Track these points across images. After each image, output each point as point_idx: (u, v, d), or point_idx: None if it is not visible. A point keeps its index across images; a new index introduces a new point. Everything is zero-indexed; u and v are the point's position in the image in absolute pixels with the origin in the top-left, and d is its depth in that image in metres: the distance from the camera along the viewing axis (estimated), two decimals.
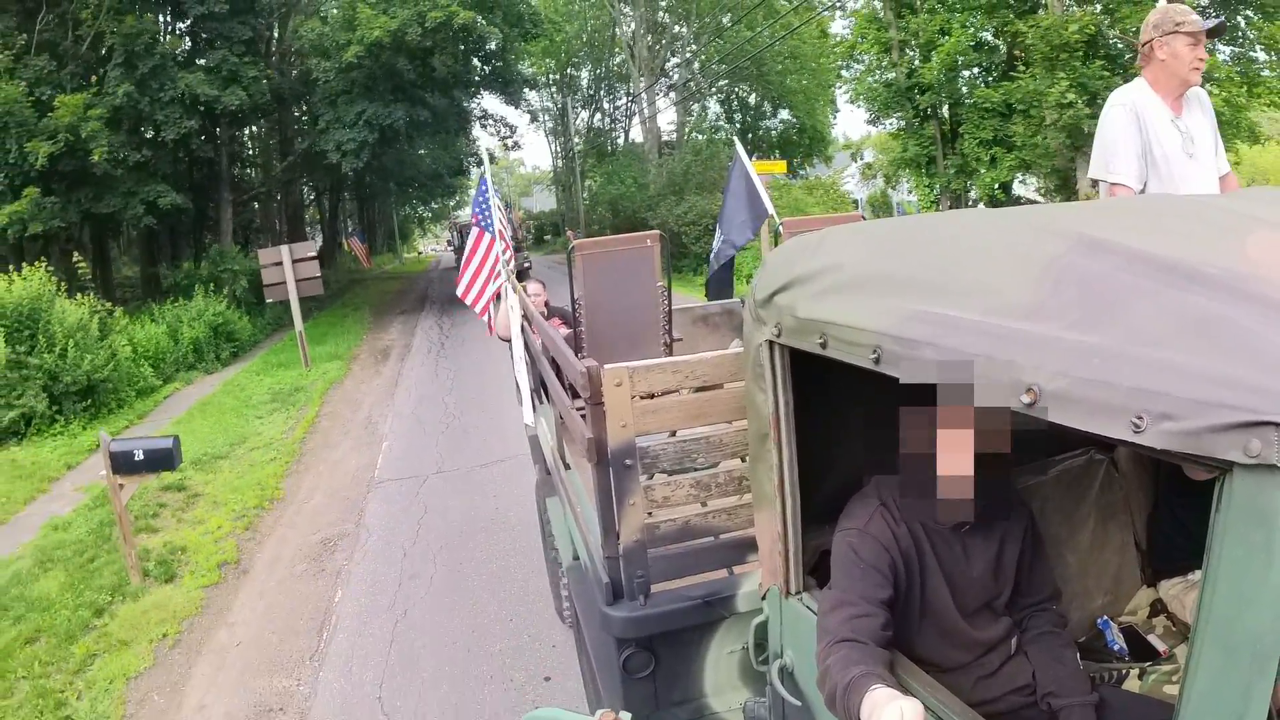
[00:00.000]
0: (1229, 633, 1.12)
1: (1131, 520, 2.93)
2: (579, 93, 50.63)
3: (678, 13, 42.03)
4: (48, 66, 19.02)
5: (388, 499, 8.70)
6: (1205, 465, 1.12)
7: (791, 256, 2.23)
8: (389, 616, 6.16)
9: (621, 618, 2.92)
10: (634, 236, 5.63)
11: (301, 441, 11.32)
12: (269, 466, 10.15)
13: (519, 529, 7.27)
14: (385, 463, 10.00)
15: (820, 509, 2.47)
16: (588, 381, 2.78)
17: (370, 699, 5.15)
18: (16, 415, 12.23)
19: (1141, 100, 3.76)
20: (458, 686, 5.17)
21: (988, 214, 2.00)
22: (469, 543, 7.29)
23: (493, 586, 6.40)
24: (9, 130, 17.69)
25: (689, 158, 34.02)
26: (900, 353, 1.65)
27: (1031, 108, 15.94)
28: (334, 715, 5.05)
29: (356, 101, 22.02)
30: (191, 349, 17.40)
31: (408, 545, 7.43)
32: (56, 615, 6.62)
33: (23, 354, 12.49)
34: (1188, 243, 1.40)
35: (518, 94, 29.61)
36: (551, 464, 4.78)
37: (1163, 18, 3.68)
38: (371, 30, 19.86)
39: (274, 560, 7.51)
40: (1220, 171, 3.94)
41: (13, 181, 18.24)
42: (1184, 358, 1.15)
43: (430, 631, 5.87)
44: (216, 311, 18.69)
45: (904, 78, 18.55)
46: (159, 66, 19.08)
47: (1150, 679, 2.53)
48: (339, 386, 15.00)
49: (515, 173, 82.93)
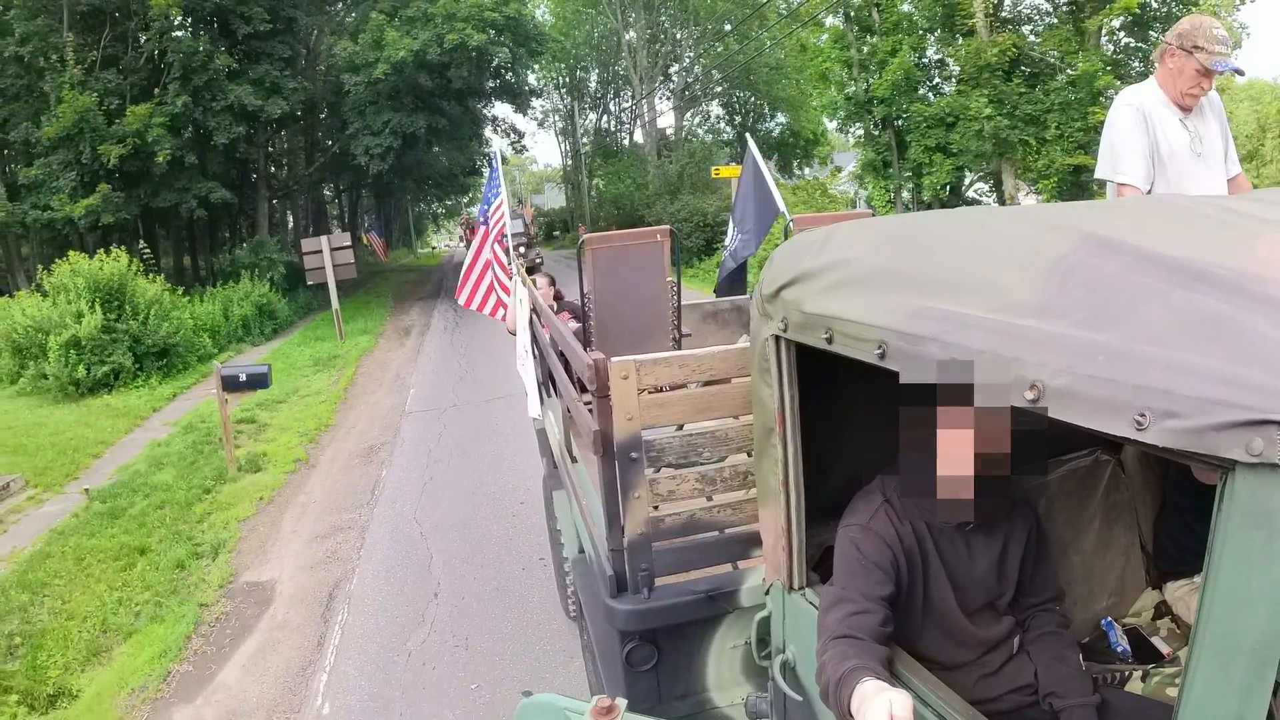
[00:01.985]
0: (1228, 633, 1.11)
1: (1137, 521, 2.89)
2: (587, 95, 53.09)
3: (678, 19, 44.50)
4: (114, 80, 21.88)
5: (416, 423, 11.51)
6: (1208, 463, 1.10)
7: (798, 252, 2.23)
8: (419, 481, 8.99)
9: (625, 610, 2.95)
10: (644, 231, 5.59)
11: (345, 390, 14.15)
12: (321, 406, 12.95)
13: (512, 437, 10.01)
14: (413, 401, 12.83)
15: (825, 505, 2.45)
16: (595, 374, 2.82)
17: (408, 519, 7.99)
18: (108, 370, 15.08)
19: (1149, 100, 3.73)
20: (464, 511, 7.98)
21: (995, 211, 1.98)
22: (476, 445, 10.07)
23: (493, 466, 9.21)
24: (84, 135, 20.57)
25: (684, 160, 36.67)
26: (905, 348, 1.65)
27: (959, 119, 18.58)
28: (384, 526, 7.88)
29: (383, 111, 24.97)
30: (240, 324, 20.25)
31: (432, 447, 10.23)
32: (175, 493, 9.39)
33: (113, 321, 15.30)
34: (1195, 243, 1.38)
35: (525, 103, 32.64)
36: (558, 457, 4.79)
37: (1189, 31, 3.58)
38: (397, 50, 22.79)
39: (334, 458, 10.30)
40: (1230, 173, 3.91)
41: (83, 179, 21.11)
42: (1189, 356, 1.15)
43: (448, 488, 8.69)
44: (261, 293, 21.59)
45: (862, 92, 21.21)
46: (212, 80, 21.97)
47: (1153, 681, 2.51)
48: (370, 354, 17.81)
49: (527, 170, 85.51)
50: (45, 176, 21.01)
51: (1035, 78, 18.50)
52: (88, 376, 14.77)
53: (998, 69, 17.95)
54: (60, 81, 21.03)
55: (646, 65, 42.44)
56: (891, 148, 21.46)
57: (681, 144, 42.27)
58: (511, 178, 67.40)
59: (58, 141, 20.80)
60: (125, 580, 7.32)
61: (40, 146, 21.25)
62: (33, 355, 15.46)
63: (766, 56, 37.84)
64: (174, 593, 7.01)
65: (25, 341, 15.42)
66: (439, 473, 9.25)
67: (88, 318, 14.86)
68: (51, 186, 20.92)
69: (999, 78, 17.99)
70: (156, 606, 6.79)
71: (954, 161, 19.32)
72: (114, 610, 6.77)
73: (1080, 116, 16.94)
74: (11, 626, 6.57)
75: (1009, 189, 19.12)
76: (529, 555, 6.86)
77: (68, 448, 11.63)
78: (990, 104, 17.63)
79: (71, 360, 14.75)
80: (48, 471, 10.68)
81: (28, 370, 15.50)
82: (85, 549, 7.97)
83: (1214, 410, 1.08)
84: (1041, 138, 17.60)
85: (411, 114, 25.15)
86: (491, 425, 10.80)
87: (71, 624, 6.57)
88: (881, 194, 22.01)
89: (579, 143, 50.96)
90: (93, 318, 14.88)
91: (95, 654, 6.18)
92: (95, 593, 7.11)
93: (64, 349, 14.77)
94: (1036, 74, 18.60)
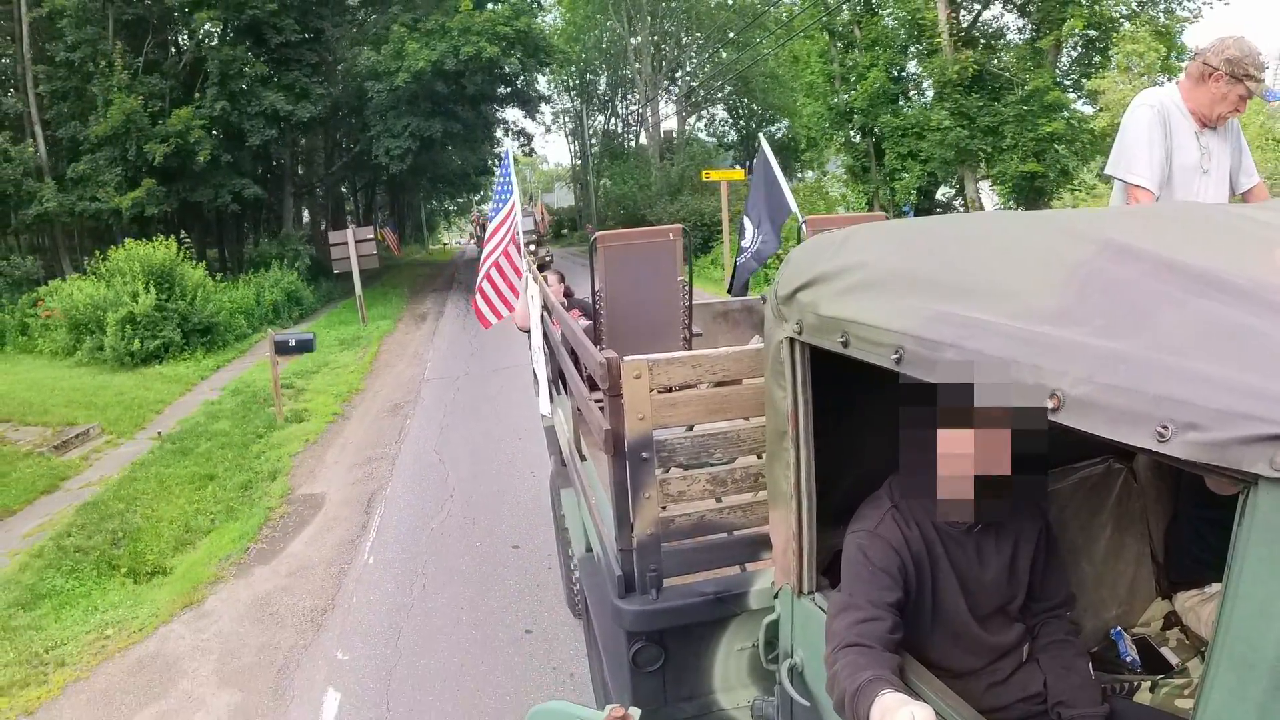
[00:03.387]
0: (1248, 649, 1.10)
1: (1148, 531, 2.88)
2: (596, 98, 54.63)
3: (683, 24, 46.44)
4: (157, 83, 23.91)
5: (434, 387, 13.47)
6: (1230, 477, 1.09)
7: (815, 254, 2.21)
8: (438, 427, 10.95)
9: (633, 610, 2.95)
10: (656, 230, 5.61)
11: (370, 363, 16.12)
12: (350, 375, 14.90)
13: (512, 398, 11.90)
14: (430, 372, 14.80)
15: (837, 509, 2.44)
16: (607, 373, 2.80)
17: (429, 451, 9.92)
18: (159, 344, 17.06)
19: (1170, 105, 3.70)
20: (474, 445, 9.93)
21: (1014, 216, 1.97)
22: (483, 403, 12.00)
23: (497, 415, 11.12)
24: (130, 134, 22.58)
25: (685, 162, 38.58)
26: (923, 354, 1.64)
27: (924, 130, 20.47)
28: (409, 456, 9.81)
29: (403, 116, 27.01)
30: (271, 309, 22.21)
31: (448, 404, 12.19)
32: (233, 437, 11.31)
33: (164, 300, 17.27)
34: (1216, 252, 1.38)
35: (535, 108, 34.74)
36: (567, 455, 4.81)
37: (1241, 58, 3.52)
38: (417, 61, 24.80)
39: (365, 413, 12.25)
40: (1247, 185, 3.92)
41: (127, 174, 23.12)
42: (1211, 368, 1.14)
43: (461, 431, 10.64)
44: (290, 281, 23.59)
45: (842, 104, 23.10)
46: (248, 87, 24.01)
47: (1162, 692, 2.50)
48: (390, 336, 19.76)
49: (538, 169, 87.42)
50: (92, 171, 22.99)
51: (996, 92, 20.30)
52: (141, 349, 16.73)
53: (959, 84, 19.80)
54: (108, 85, 23.01)
55: (650, 71, 44.35)
56: (869, 154, 23.30)
57: (683, 147, 44.17)
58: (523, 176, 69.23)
59: (104, 139, 22.80)
60: (200, 497, 9.22)
61: (88, 143, 23.24)
62: (89, 330, 17.44)
63: (762, 65, 39.69)
64: (243, 503, 8.92)
65: (84, 318, 17.40)
66: (453, 421, 11.16)
67: (143, 297, 16.84)
68: (98, 180, 22.89)
69: (960, 92, 19.84)
70: (229, 511, 8.71)
71: (924, 168, 21.14)
72: (193, 516, 8.67)
73: (1032, 128, 18.74)
74: (114, 525, 8.44)
75: (970, 193, 20.99)
76: (524, 471, 8.76)
77: (132, 405, 13.57)
78: (951, 116, 19.51)
79: (127, 334, 16.72)
80: (119, 422, 12.63)
81: (84, 344, 17.47)
82: (164, 475, 9.88)
83: (1237, 423, 1.06)
84: (999, 147, 19.45)
85: (429, 118, 27.20)
86: (496, 388, 12.71)
87: (160, 525, 8.47)
88: (860, 197, 23.87)
89: (587, 144, 52.79)
90: (147, 297, 16.87)
91: (182, 544, 8.06)
92: (176, 505, 9.01)
93: (121, 324, 16.75)
94: (998, 88, 20.39)
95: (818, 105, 24.40)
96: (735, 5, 42.81)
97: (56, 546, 7.93)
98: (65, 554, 7.75)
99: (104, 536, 8.11)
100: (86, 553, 7.77)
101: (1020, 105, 19.05)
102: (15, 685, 5.69)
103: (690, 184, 35.05)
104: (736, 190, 25.15)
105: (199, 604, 6.65)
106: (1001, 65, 20.10)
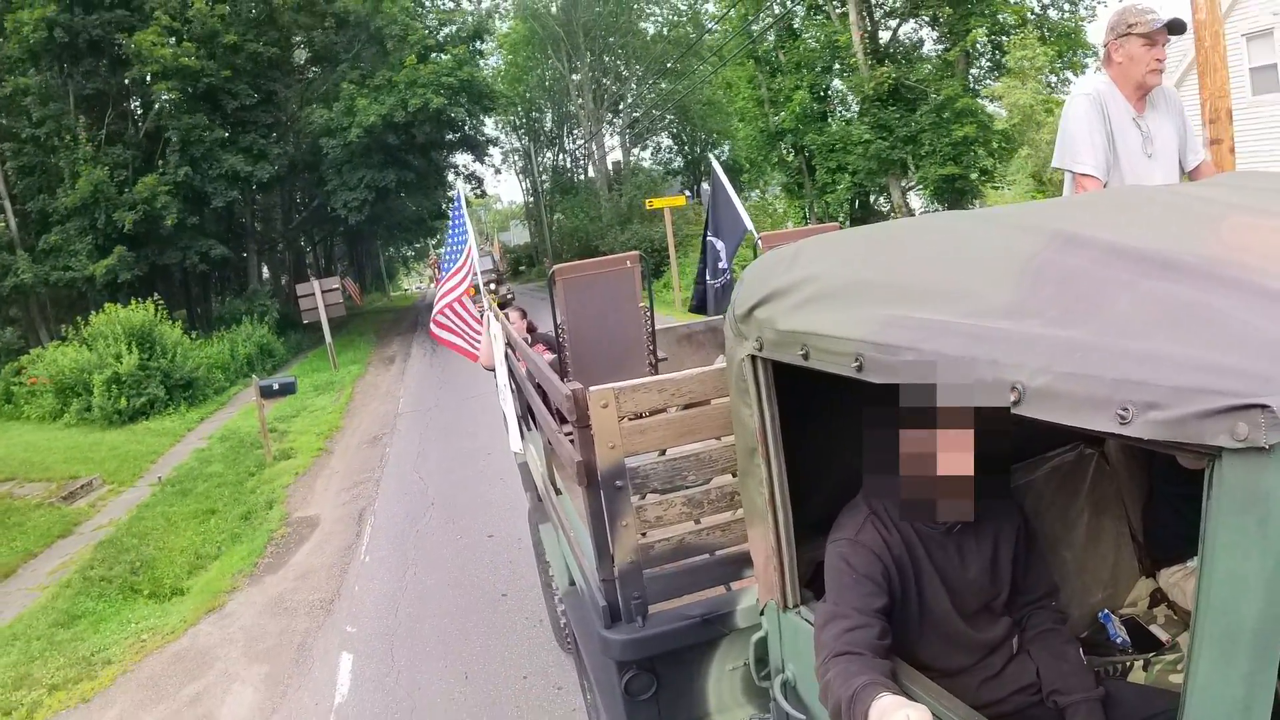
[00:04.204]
0: (1228, 620, 1.12)
1: (1125, 512, 2.91)
2: (543, 135, 55.94)
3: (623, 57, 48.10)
4: (120, 153, 24.97)
5: (408, 419, 14.62)
6: (1194, 452, 1.11)
7: (769, 270, 2.24)
8: (415, 451, 12.11)
9: (620, 640, 2.95)
10: (613, 259, 5.64)
11: (346, 404, 17.25)
12: (329, 415, 16.00)
13: (481, 422, 13.06)
14: (403, 406, 15.97)
15: (814, 521, 2.45)
16: (574, 405, 2.81)
17: (409, 470, 11.09)
18: (145, 400, 18.10)
19: (1105, 92, 3.77)
20: (449, 463, 11.07)
21: (961, 216, 2.01)
22: (455, 428, 13.16)
23: (469, 436, 12.29)
24: (99, 204, 23.62)
25: (633, 191, 39.99)
26: (882, 359, 1.65)
27: (848, 144, 21.98)
28: (392, 477, 10.94)
29: (358, 169, 28.24)
30: (245, 362, 23.21)
31: (422, 431, 13.34)
32: (227, 476, 12.39)
33: (146, 359, 18.29)
34: (1163, 233, 1.42)
35: (483, 152, 36.20)
36: (542, 490, 4.82)
37: (1117, 20, 3.67)
38: (368, 116, 26.07)
39: (347, 446, 13.36)
40: (1194, 162, 3.97)
41: (98, 242, 24.12)
42: (1166, 347, 1.16)
43: (436, 452, 11.81)
44: (261, 335, 24.64)
45: (771, 125, 24.60)
46: (208, 151, 25.13)
47: (1155, 669, 2.53)
48: (362, 378, 20.88)
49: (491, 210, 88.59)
50: (63, 241, 24.00)
51: (913, 103, 21.84)
52: (128, 406, 17.75)
53: (877, 99, 21.34)
54: (74, 158, 24.08)
55: (593, 106, 45.87)
56: (802, 170, 24.78)
57: (629, 177, 45.62)
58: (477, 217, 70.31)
59: (74, 210, 23.83)
60: (205, 528, 10.29)
61: (57, 215, 24.26)
62: (75, 393, 18.44)
63: (698, 94, 41.33)
64: (246, 529, 10.00)
65: (71, 381, 18.38)
66: (428, 447, 12.28)
67: (127, 358, 17.86)
68: (70, 250, 23.89)
69: (878, 106, 21.38)
70: (234, 537, 9.78)
71: (852, 179, 22.63)
72: (201, 545, 9.75)
73: (947, 134, 20.27)
74: (130, 557, 9.49)
75: (897, 200, 22.50)
76: (494, 479, 9.87)
77: (128, 457, 14.60)
78: (871, 130, 21.04)
79: (114, 393, 17.75)
80: (118, 472, 13.67)
81: (71, 406, 18.47)
82: (169, 514, 10.95)
83: (1195, 398, 1.08)
84: (918, 154, 20.97)
85: (382, 169, 28.47)
86: (468, 415, 13.85)
87: (173, 554, 9.54)
88: (797, 212, 25.34)
89: (538, 181, 54.09)
90: (130, 357, 17.90)
91: (195, 568, 9.13)
92: (185, 537, 10.08)
93: (107, 384, 17.77)
94: (914, 100, 21.93)
95: (750, 129, 25.91)
96: (671, 36, 44.47)
97: (82, 578, 8.97)
98: (91, 583, 8.79)
99: (124, 567, 9.15)
100: (110, 581, 8.82)
101: (934, 114, 20.57)
102: (69, 682, 6.74)
103: (639, 212, 36.23)
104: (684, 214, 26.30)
105: (220, 608, 7.74)
106: (917, 78, 21.65)
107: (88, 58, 25.08)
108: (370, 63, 28.93)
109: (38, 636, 7.67)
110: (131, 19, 24.74)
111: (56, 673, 6.91)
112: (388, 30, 28.23)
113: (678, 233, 25.75)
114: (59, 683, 6.75)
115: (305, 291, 22.26)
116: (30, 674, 6.95)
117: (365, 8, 28.31)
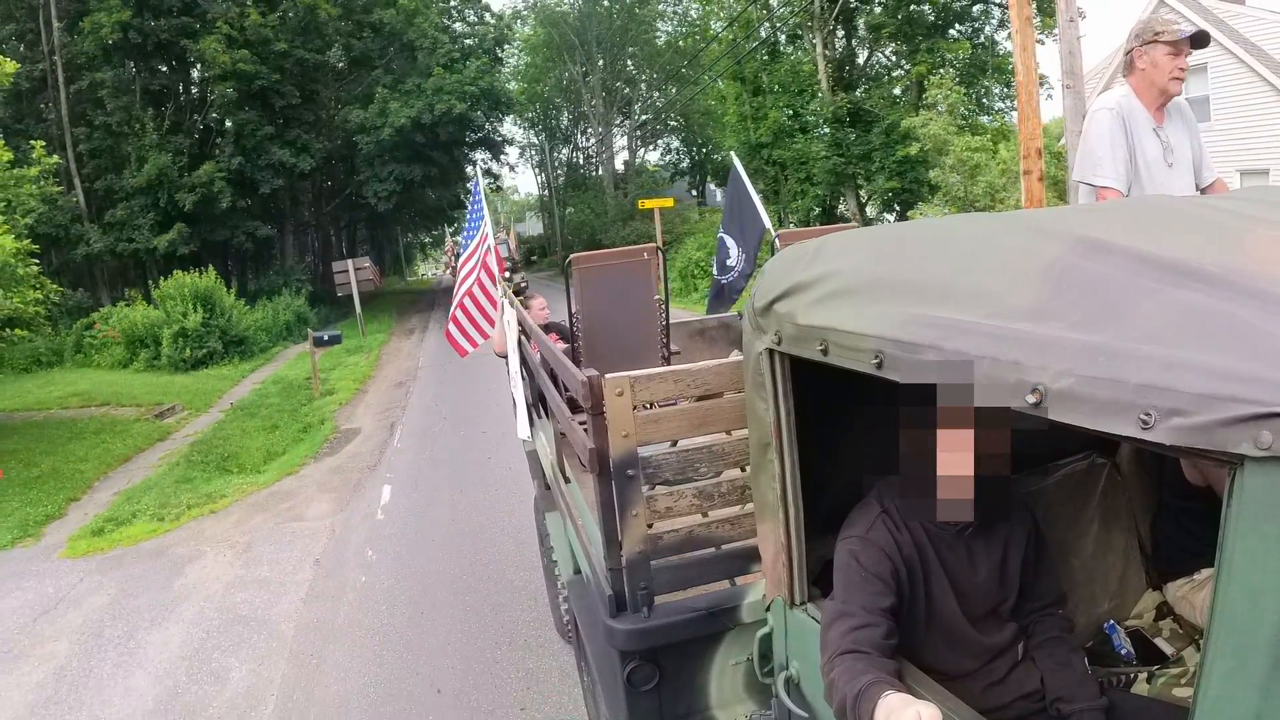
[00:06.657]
0: (1243, 630, 1.10)
1: (1135, 524, 2.90)
2: (559, 132, 59.06)
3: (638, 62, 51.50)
4: (181, 142, 28.59)
5: (427, 371, 18.16)
6: (1215, 460, 1.10)
7: (790, 264, 2.22)
8: (434, 391, 15.63)
9: (625, 630, 2.94)
10: (630, 250, 5.61)
11: (375, 361, 20.80)
12: (362, 368, 19.54)
13: (488, 374, 16.48)
14: (422, 363, 19.52)
15: (824, 518, 2.44)
16: (589, 391, 2.79)
17: (428, 402, 14.64)
18: (205, 353, 21.63)
19: (1127, 105, 3.77)
20: (460, 399, 14.55)
21: (986, 218, 2.01)
22: (466, 377, 16.60)
23: (478, 385, 15.72)
24: (162, 185, 27.20)
25: (635, 191, 43.25)
26: (903, 357, 1.65)
27: (810, 160, 25.38)
28: (415, 406, 14.45)
29: (388, 163, 32.00)
30: (284, 327, 26.76)
31: (439, 379, 16.85)
32: (284, 405, 15.84)
33: (207, 318, 21.83)
34: (1186, 242, 1.40)
35: (499, 152, 40.10)
36: (551, 478, 4.82)
37: (1143, 27, 3.73)
38: (399, 118, 29.79)
39: (379, 388, 16.89)
40: (1207, 180, 3.98)
41: (159, 219, 27.72)
42: (1190, 354, 1.15)
43: (450, 393, 15.32)
44: (298, 305, 28.22)
45: (752, 139, 27.99)
46: (259, 144, 28.79)
47: (1159, 682, 2.53)
48: (387, 344, 24.41)
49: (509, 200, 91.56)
50: (128, 216, 27.59)
51: (869, 125, 25.17)
52: (191, 356, 21.27)
53: (838, 121, 24.73)
54: (141, 144, 27.67)
55: (603, 110, 49.33)
56: (777, 180, 28.17)
57: (634, 177, 48.88)
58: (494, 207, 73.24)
59: (138, 189, 27.42)
60: (273, 437, 13.69)
61: (122, 193, 27.86)
62: (144, 345, 21.94)
63: (698, 102, 44.55)
64: (305, 435, 13.45)
65: (141, 334, 21.90)
66: (444, 389, 15.77)
67: (193, 315, 21.39)
68: (133, 224, 27.47)
69: (836, 127, 24.78)
70: (296, 440, 13.22)
71: (816, 190, 26.01)
72: (271, 446, 13.16)
73: (893, 153, 23.51)
74: (219, 449, 12.88)
75: (852, 209, 25.91)
76: (490, 405, 13.26)
77: (199, 393, 18.08)
78: (829, 148, 24.45)
79: (180, 345, 21.26)
80: (193, 402, 17.14)
81: (139, 356, 21.93)
82: (243, 427, 14.39)
83: (1220, 406, 1.07)
84: (869, 170, 24.33)
85: (409, 164, 32.34)
86: (477, 370, 17.23)
87: (250, 450, 12.95)
88: (772, 216, 28.67)
89: (551, 176, 57.25)
90: (195, 315, 21.43)
91: (269, 459, 12.56)
92: (257, 441, 13.48)
93: (174, 337, 21.29)
94: (870, 122, 25.25)
95: (734, 140, 29.31)
96: (684, 47, 47.57)
97: (186, 460, 12.40)
98: (194, 464, 12.21)
99: (215, 455, 12.57)
100: (208, 463, 12.24)
101: (884, 135, 23.91)
102: (197, 505, 10.12)
103: (641, 211, 39.44)
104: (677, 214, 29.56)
105: (296, 473, 11.18)
106: (872, 104, 25.02)
107: (155, 57, 28.70)
108: (400, 69, 32.69)
109: (167, 487, 11.11)
110: (194, 24, 28.31)
111: (188, 501, 10.32)
112: (419, 42, 32.03)
113: (669, 231, 29.05)
114: (192, 503, 10.17)
115: (340, 268, 25.83)
116: (170, 500, 10.39)
117: (399, 21, 31.96)
